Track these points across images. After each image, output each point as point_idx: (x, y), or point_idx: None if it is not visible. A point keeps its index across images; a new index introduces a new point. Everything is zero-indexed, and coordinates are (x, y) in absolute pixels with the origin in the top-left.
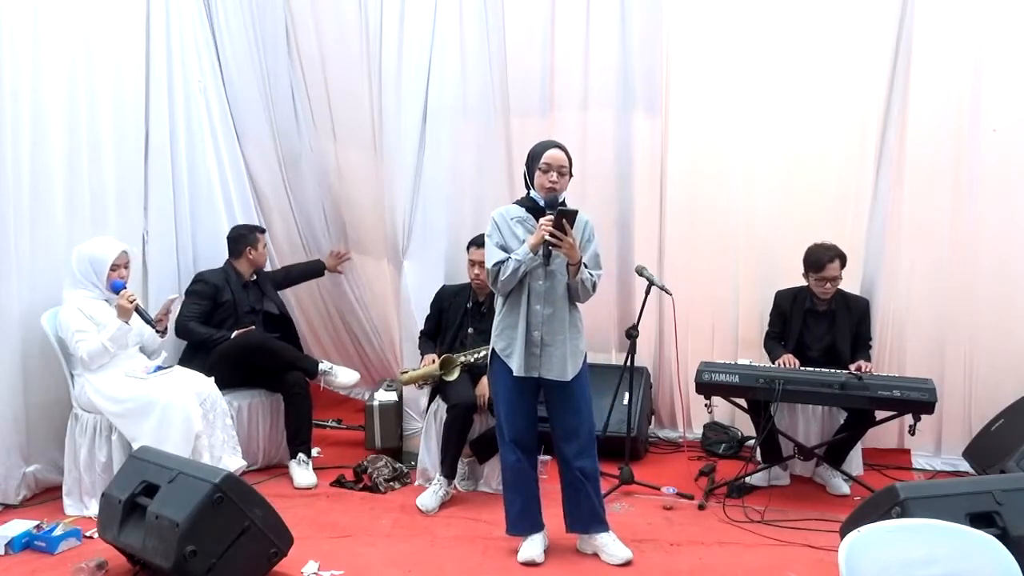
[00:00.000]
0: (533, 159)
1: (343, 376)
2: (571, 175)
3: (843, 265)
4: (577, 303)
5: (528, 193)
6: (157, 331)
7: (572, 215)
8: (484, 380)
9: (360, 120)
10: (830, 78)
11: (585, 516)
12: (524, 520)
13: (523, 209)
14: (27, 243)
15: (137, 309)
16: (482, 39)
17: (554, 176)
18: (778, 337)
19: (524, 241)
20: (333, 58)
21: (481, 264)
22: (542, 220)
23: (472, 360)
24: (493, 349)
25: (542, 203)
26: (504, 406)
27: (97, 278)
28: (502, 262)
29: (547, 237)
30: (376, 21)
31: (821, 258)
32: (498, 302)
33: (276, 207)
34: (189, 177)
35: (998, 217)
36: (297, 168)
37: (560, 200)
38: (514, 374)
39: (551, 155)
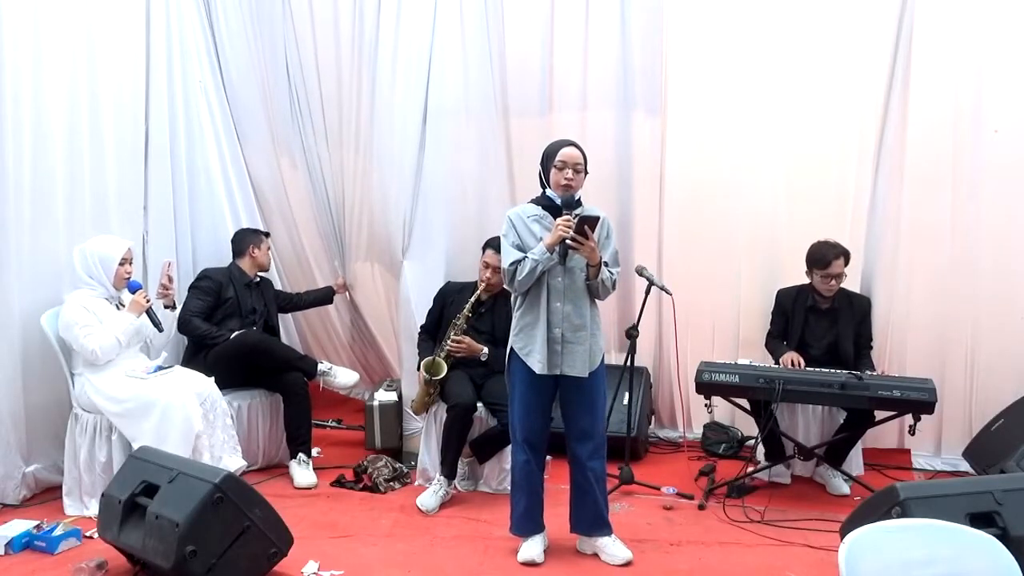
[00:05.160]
0: (548, 157)
1: (342, 376)
2: (586, 173)
3: (847, 262)
4: (596, 300)
5: (544, 192)
6: (161, 330)
7: (594, 221)
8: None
9: (360, 121)
10: (830, 78)
11: (589, 519)
12: (527, 521)
13: (539, 208)
14: (28, 244)
15: (148, 310)
16: (482, 39)
17: (569, 173)
18: (779, 336)
19: (541, 239)
20: (332, 59)
21: (495, 268)
22: (559, 220)
23: (445, 350)
24: (512, 348)
25: (559, 201)
26: (520, 405)
27: (106, 276)
28: (519, 261)
29: (567, 241)
30: (374, 22)
31: (827, 255)
32: (515, 301)
33: (277, 209)
34: (189, 178)
35: (998, 217)
36: (297, 170)
37: (576, 198)
38: (536, 372)
39: (566, 153)
